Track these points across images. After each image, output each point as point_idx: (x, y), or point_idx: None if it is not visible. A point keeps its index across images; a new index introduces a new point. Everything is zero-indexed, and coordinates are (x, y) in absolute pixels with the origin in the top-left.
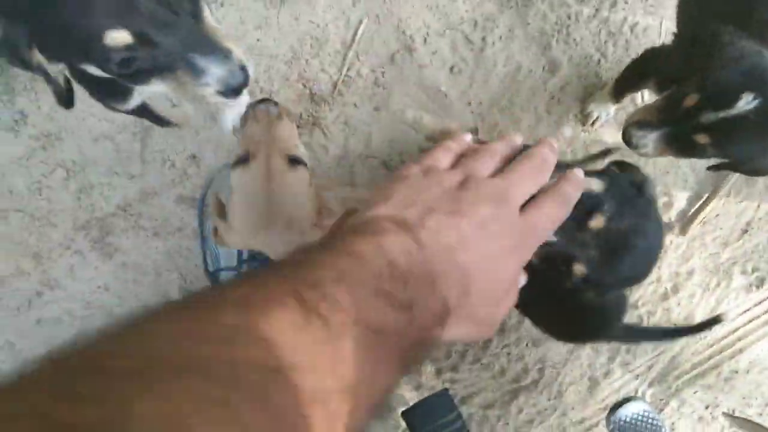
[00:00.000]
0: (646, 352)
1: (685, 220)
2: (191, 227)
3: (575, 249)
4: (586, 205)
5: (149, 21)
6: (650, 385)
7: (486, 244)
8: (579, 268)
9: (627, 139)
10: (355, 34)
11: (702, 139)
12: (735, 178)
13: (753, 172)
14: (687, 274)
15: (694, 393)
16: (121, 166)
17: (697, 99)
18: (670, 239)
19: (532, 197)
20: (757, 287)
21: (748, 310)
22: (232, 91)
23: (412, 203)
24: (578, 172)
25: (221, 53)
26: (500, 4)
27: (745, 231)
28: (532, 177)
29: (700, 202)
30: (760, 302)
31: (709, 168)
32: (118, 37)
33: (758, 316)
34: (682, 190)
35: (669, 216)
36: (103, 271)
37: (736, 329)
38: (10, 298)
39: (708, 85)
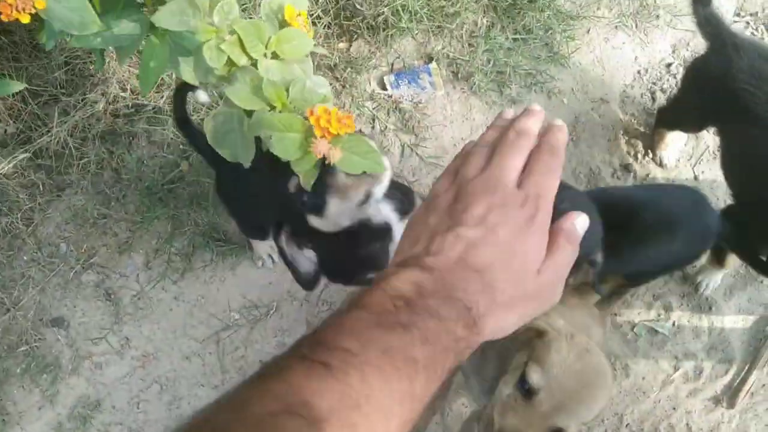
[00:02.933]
0: None
1: (731, 392)
2: None
3: None
4: None
5: None
6: None
7: (493, 236)
8: None
9: None
10: None
11: None
12: None
13: None
14: None
15: None
16: (206, 378)
17: None
18: (721, 413)
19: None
20: None
21: None
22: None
23: (416, 240)
24: (551, 120)
25: None
26: None
27: None
28: (517, 150)
29: (743, 372)
30: None
31: None
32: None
33: None
34: (723, 363)
35: (715, 389)
36: None
37: None
38: None
39: None
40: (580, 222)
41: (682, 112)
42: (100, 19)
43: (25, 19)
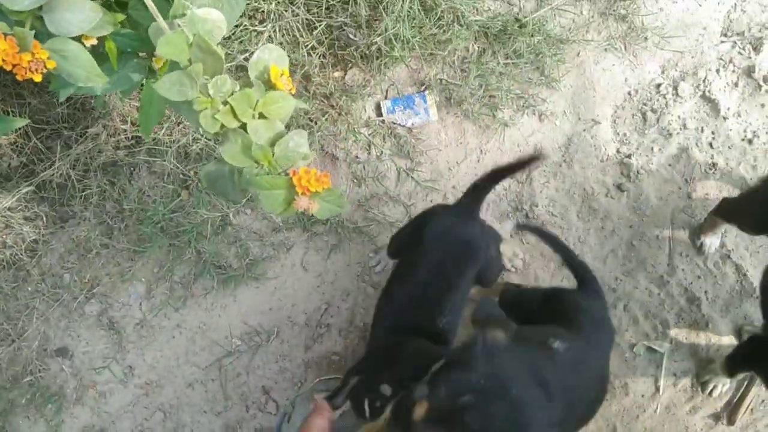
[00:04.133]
0: None
1: (731, 409)
2: None
3: None
4: None
5: None
6: None
7: None
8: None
9: None
10: None
11: None
12: None
13: None
14: None
15: None
16: (209, 404)
17: None
18: (722, 430)
19: None
20: None
21: None
22: None
23: None
24: None
25: None
26: None
27: None
28: None
29: (742, 389)
30: None
31: None
32: None
33: None
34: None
35: (715, 406)
36: None
37: None
38: None
39: None
40: None
41: (751, 211)
42: (102, 68)
43: (38, 78)
